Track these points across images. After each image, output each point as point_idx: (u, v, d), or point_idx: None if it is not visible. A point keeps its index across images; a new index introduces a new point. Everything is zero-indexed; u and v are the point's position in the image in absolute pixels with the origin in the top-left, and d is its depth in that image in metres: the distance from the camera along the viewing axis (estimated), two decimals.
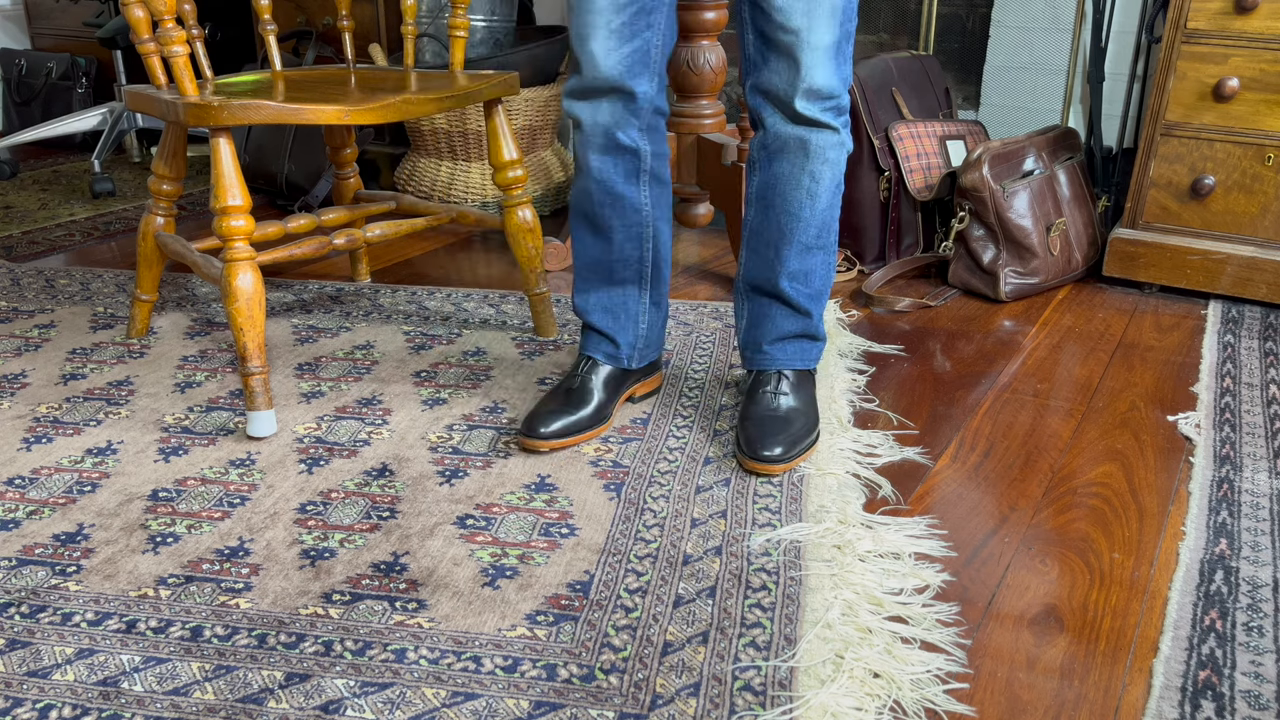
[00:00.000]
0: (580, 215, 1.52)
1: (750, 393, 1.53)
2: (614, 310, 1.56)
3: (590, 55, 1.37)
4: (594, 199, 1.48)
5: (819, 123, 1.41)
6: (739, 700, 1.03)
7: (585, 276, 1.55)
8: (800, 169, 1.44)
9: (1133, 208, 2.15)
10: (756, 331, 1.55)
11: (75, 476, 1.43)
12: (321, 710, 1.01)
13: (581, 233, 1.53)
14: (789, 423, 1.46)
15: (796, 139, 1.42)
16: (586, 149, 1.45)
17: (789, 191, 1.45)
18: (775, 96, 1.40)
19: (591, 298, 1.56)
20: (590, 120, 1.43)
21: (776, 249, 1.48)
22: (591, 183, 1.47)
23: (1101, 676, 1.08)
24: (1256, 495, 1.41)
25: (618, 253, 1.52)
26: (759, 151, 1.47)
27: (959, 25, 2.66)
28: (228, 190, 1.52)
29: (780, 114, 1.42)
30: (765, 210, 1.48)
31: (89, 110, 3.15)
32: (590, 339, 1.58)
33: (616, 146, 1.44)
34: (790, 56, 1.37)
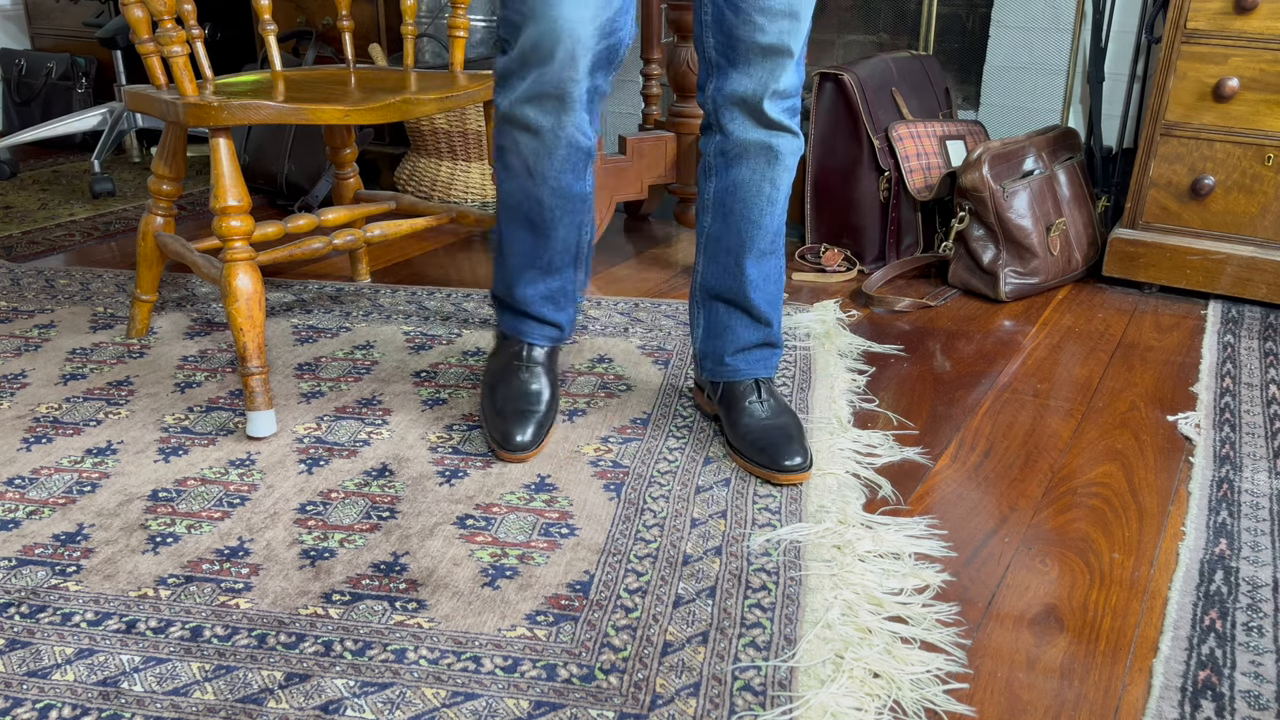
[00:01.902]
0: (520, 220, 1.45)
1: (732, 406, 1.50)
2: (555, 297, 1.52)
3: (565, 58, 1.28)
4: (545, 205, 1.42)
5: (785, 127, 1.39)
6: (739, 700, 1.03)
7: (522, 271, 1.49)
8: (762, 176, 1.41)
9: (1133, 208, 2.15)
10: (717, 342, 1.52)
11: (75, 476, 1.43)
12: (321, 710, 1.01)
13: (519, 234, 1.46)
14: (792, 428, 1.45)
15: (761, 145, 1.40)
16: (543, 157, 1.37)
17: (750, 199, 1.43)
18: (745, 100, 1.37)
19: (530, 290, 1.50)
20: (551, 127, 1.35)
21: (737, 257, 1.46)
22: (545, 190, 1.40)
23: (1101, 676, 1.08)
24: (1256, 495, 1.41)
25: (561, 245, 1.47)
26: (716, 157, 1.43)
27: (959, 25, 2.66)
28: (227, 190, 1.52)
29: (748, 118, 1.38)
30: (725, 217, 1.45)
31: (89, 110, 3.15)
32: (529, 327, 1.53)
33: (576, 148, 1.38)
34: (768, 59, 1.33)
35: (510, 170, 1.41)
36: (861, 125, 2.24)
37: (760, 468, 1.42)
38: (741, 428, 1.47)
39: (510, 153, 1.39)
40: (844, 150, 2.27)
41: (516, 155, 1.39)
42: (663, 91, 2.58)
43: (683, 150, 2.36)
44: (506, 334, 1.56)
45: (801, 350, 1.85)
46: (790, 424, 1.46)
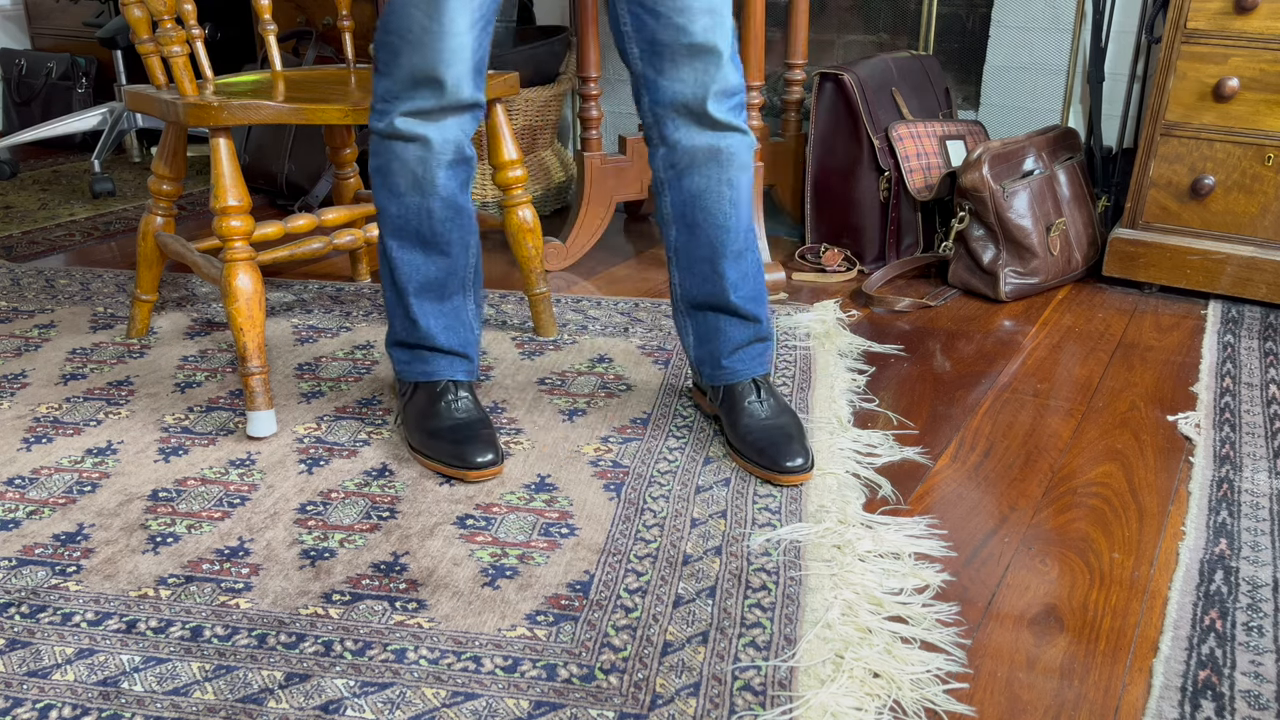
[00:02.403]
0: (411, 237, 1.43)
1: (733, 407, 1.49)
2: (455, 327, 1.49)
3: (455, 76, 1.32)
4: (436, 217, 1.41)
5: (731, 126, 1.38)
6: (739, 700, 1.03)
7: (421, 299, 1.47)
8: (718, 180, 1.40)
9: (1133, 208, 2.15)
10: (710, 347, 1.51)
11: (75, 476, 1.43)
12: (321, 710, 1.01)
13: (410, 254, 1.44)
14: (792, 428, 1.45)
15: (708, 149, 1.39)
16: (433, 166, 1.37)
17: (712, 205, 1.42)
18: (684, 105, 1.36)
19: (432, 320, 1.48)
20: (440, 137, 1.36)
21: (712, 264, 1.45)
22: (436, 201, 1.40)
23: (1101, 676, 1.08)
24: (1256, 495, 1.41)
25: (453, 266, 1.46)
26: (666, 170, 1.42)
27: (959, 25, 2.66)
28: (227, 190, 1.52)
29: (691, 124, 1.37)
30: (690, 229, 1.44)
31: (89, 110, 3.16)
32: (438, 363, 1.50)
33: (463, 159, 1.40)
34: (697, 59, 1.32)
35: (394, 190, 1.40)
36: (861, 125, 2.24)
37: (761, 468, 1.42)
38: (742, 428, 1.46)
39: (395, 172, 1.39)
40: (844, 150, 2.28)
41: (402, 171, 1.38)
42: None
43: None
44: (419, 381, 1.51)
45: (801, 350, 1.85)
46: (790, 424, 1.46)
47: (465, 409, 1.48)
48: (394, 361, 1.53)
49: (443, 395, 1.49)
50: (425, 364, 1.50)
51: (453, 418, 1.46)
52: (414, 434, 1.47)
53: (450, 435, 1.43)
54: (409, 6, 1.29)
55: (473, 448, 1.41)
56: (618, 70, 2.97)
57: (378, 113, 1.37)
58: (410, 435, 1.48)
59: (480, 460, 1.40)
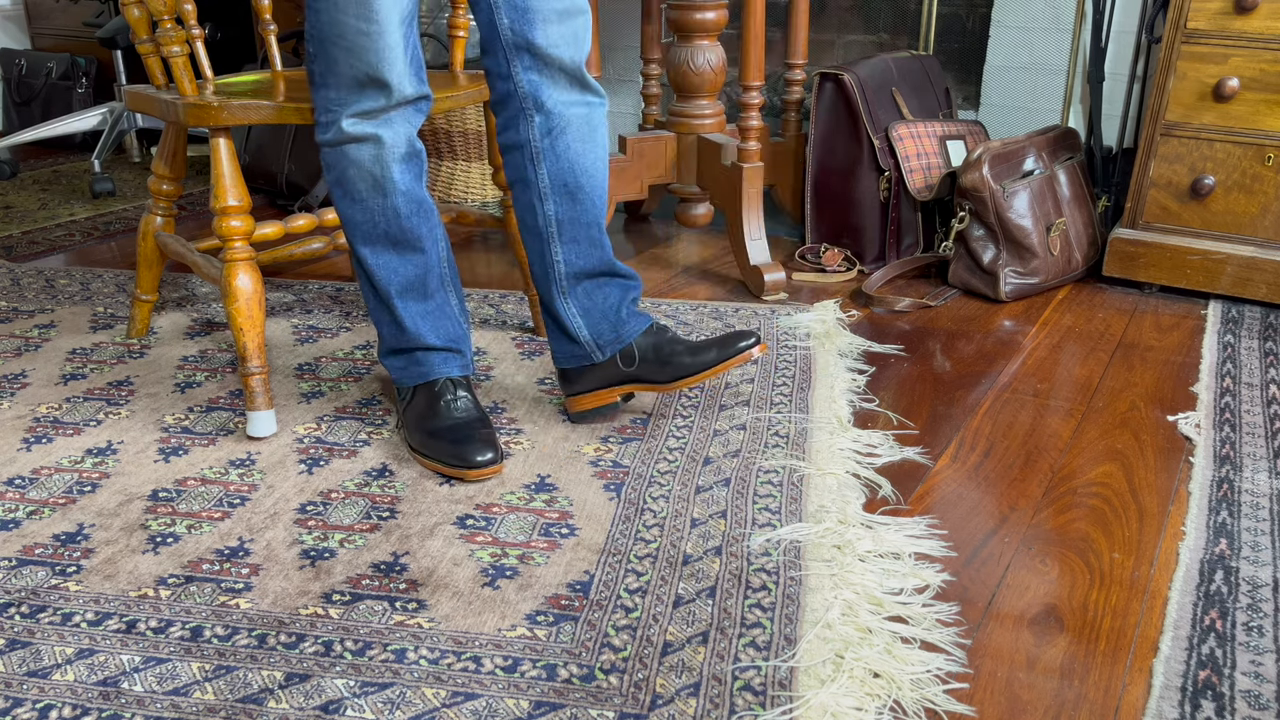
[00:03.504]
0: (380, 239, 1.43)
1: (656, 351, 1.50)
2: (442, 323, 1.49)
3: (398, 75, 1.33)
4: (402, 214, 1.41)
5: (597, 89, 1.42)
6: (739, 700, 1.03)
7: (405, 302, 1.46)
8: (595, 143, 1.43)
9: (1133, 208, 2.15)
10: (603, 313, 1.50)
11: (75, 476, 1.43)
12: (321, 710, 1.01)
13: (385, 257, 1.44)
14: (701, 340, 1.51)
15: (585, 113, 1.41)
16: (389, 162, 1.38)
17: (592, 167, 1.44)
18: (561, 68, 1.38)
19: (419, 321, 1.48)
20: (389, 133, 1.36)
21: (598, 228, 1.47)
22: (398, 197, 1.40)
23: (1101, 676, 1.08)
24: (1256, 495, 1.41)
25: (428, 262, 1.46)
26: (543, 140, 1.42)
27: (959, 25, 2.66)
28: (227, 190, 1.52)
29: (566, 87, 1.39)
30: (572, 196, 1.45)
31: (89, 110, 3.16)
32: (434, 361, 1.49)
33: (414, 153, 1.41)
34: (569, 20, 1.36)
35: (355, 196, 1.40)
36: (861, 125, 2.24)
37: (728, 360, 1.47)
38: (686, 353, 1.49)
39: (352, 178, 1.39)
40: (844, 150, 2.28)
41: (360, 175, 1.39)
42: (663, 91, 2.58)
43: (682, 150, 2.35)
44: (417, 384, 1.50)
45: (801, 350, 1.85)
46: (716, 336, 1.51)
47: (464, 408, 1.47)
48: (390, 371, 1.53)
49: (441, 395, 1.48)
50: (420, 365, 1.50)
51: (452, 417, 1.46)
52: (414, 434, 1.47)
53: (450, 435, 1.43)
54: (338, 13, 1.30)
55: (472, 447, 1.41)
56: (618, 70, 2.97)
57: (323, 125, 1.38)
58: (410, 436, 1.48)
59: (480, 459, 1.40)
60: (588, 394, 1.55)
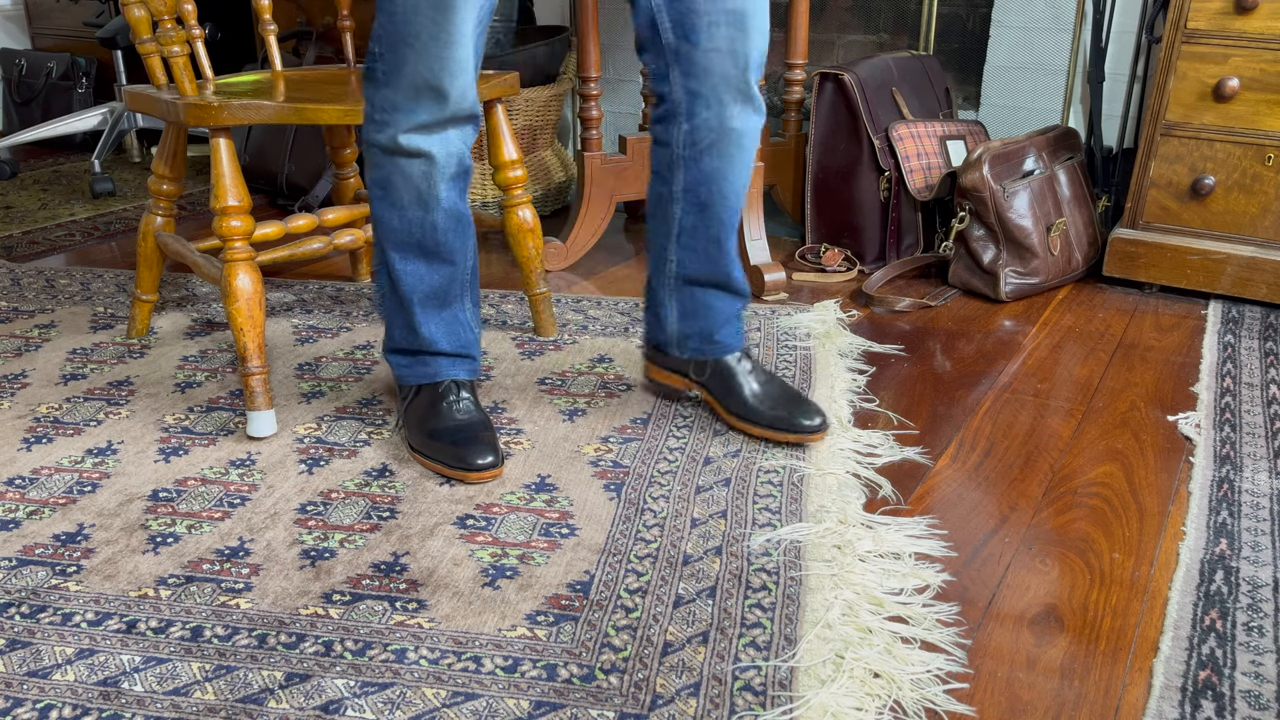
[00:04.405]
0: (413, 249, 1.42)
1: (727, 380, 1.51)
2: (455, 329, 1.48)
3: (460, 87, 1.30)
4: (440, 228, 1.40)
5: (759, 104, 1.38)
6: (739, 700, 1.03)
7: (423, 306, 1.45)
8: (740, 162, 1.40)
9: (1133, 208, 2.15)
10: (699, 323, 1.51)
11: (75, 476, 1.43)
12: (322, 710, 1.01)
13: (414, 265, 1.43)
14: (792, 391, 1.50)
15: (734, 131, 1.37)
16: (437, 181, 1.36)
17: (728, 188, 1.42)
18: (721, 74, 1.33)
19: (434, 326, 1.47)
20: (443, 152, 1.34)
21: (719, 242, 1.46)
22: (440, 214, 1.39)
23: (1101, 676, 1.08)
24: (1256, 495, 1.41)
25: (456, 274, 1.45)
26: (687, 148, 1.40)
27: (959, 25, 2.66)
28: (227, 190, 1.52)
29: (722, 99, 1.35)
30: (702, 209, 1.44)
31: (89, 110, 3.15)
32: (441, 364, 1.49)
33: (464, 172, 1.38)
34: (736, 24, 1.29)
35: (396, 203, 1.38)
36: (861, 125, 2.24)
37: (780, 431, 1.47)
38: (749, 397, 1.50)
39: (397, 186, 1.36)
40: (844, 150, 2.27)
41: (405, 186, 1.36)
42: None
43: None
44: (421, 384, 1.50)
45: (802, 350, 1.85)
46: (788, 387, 1.51)
47: (466, 410, 1.47)
48: (393, 367, 1.52)
49: (444, 396, 1.48)
50: (426, 366, 1.50)
51: (454, 419, 1.46)
52: (414, 434, 1.47)
53: (451, 436, 1.43)
54: (413, 12, 1.25)
55: (473, 450, 1.41)
56: (618, 70, 2.97)
57: (377, 124, 1.34)
58: (410, 436, 1.48)
59: (481, 462, 1.40)
60: (661, 369, 1.62)
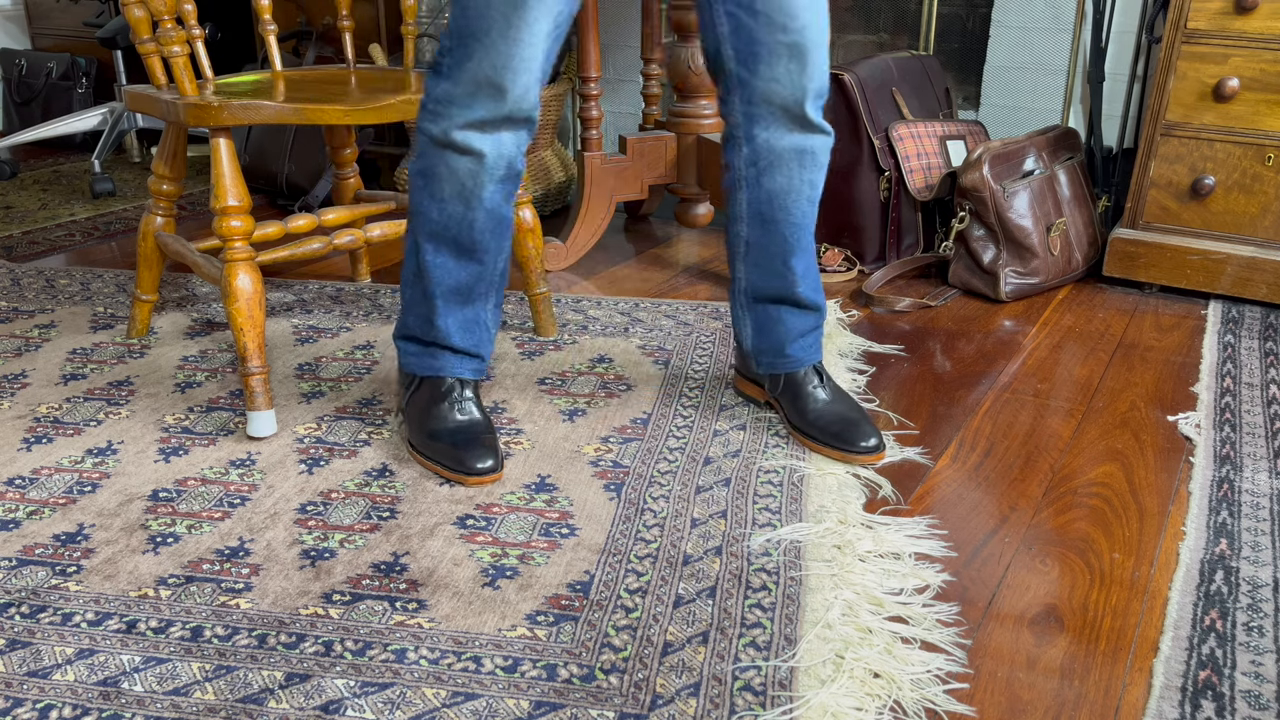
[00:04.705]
0: (448, 243, 1.40)
1: (795, 394, 1.53)
2: (472, 327, 1.47)
3: (522, 86, 1.28)
4: (477, 228, 1.38)
5: (821, 128, 1.39)
6: (739, 700, 1.03)
7: (445, 300, 1.44)
8: (802, 180, 1.41)
9: (1133, 208, 2.15)
10: (771, 338, 1.53)
11: (75, 476, 1.43)
12: (322, 710, 1.01)
13: (444, 259, 1.41)
14: (857, 411, 1.51)
15: (795, 150, 1.39)
16: (484, 181, 1.34)
17: (791, 205, 1.43)
18: (782, 107, 1.35)
19: (451, 320, 1.45)
20: (494, 152, 1.33)
21: (785, 260, 1.47)
22: (481, 214, 1.37)
23: (1101, 676, 1.08)
24: (1256, 495, 1.41)
25: (485, 273, 1.44)
26: (748, 168, 1.42)
27: (959, 25, 2.66)
28: (227, 190, 1.52)
29: (781, 124, 1.37)
30: (765, 226, 1.45)
31: (89, 110, 3.15)
32: (450, 361, 1.48)
33: (514, 175, 1.37)
34: (797, 57, 1.31)
35: (438, 196, 1.37)
36: (861, 125, 2.24)
37: (836, 449, 1.47)
38: (810, 413, 1.51)
39: (441, 179, 1.35)
40: (844, 150, 2.27)
41: (450, 180, 1.35)
42: (663, 91, 2.58)
43: (683, 150, 2.35)
44: (425, 376, 1.49)
45: None
46: (854, 407, 1.52)
47: (468, 411, 1.47)
48: (401, 354, 1.52)
49: (447, 395, 1.48)
50: (435, 360, 1.49)
51: (455, 420, 1.46)
52: (415, 433, 1.47)
53: (451, 438, 1.43)
54: (486, 6, 1.24)
55: (473, 453, 1.41)
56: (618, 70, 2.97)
57: (431, 114, 1.32)
58: (411, 433, 1.48)
59: (480, 466, 1.40)
60: (746, 380, 1.64)
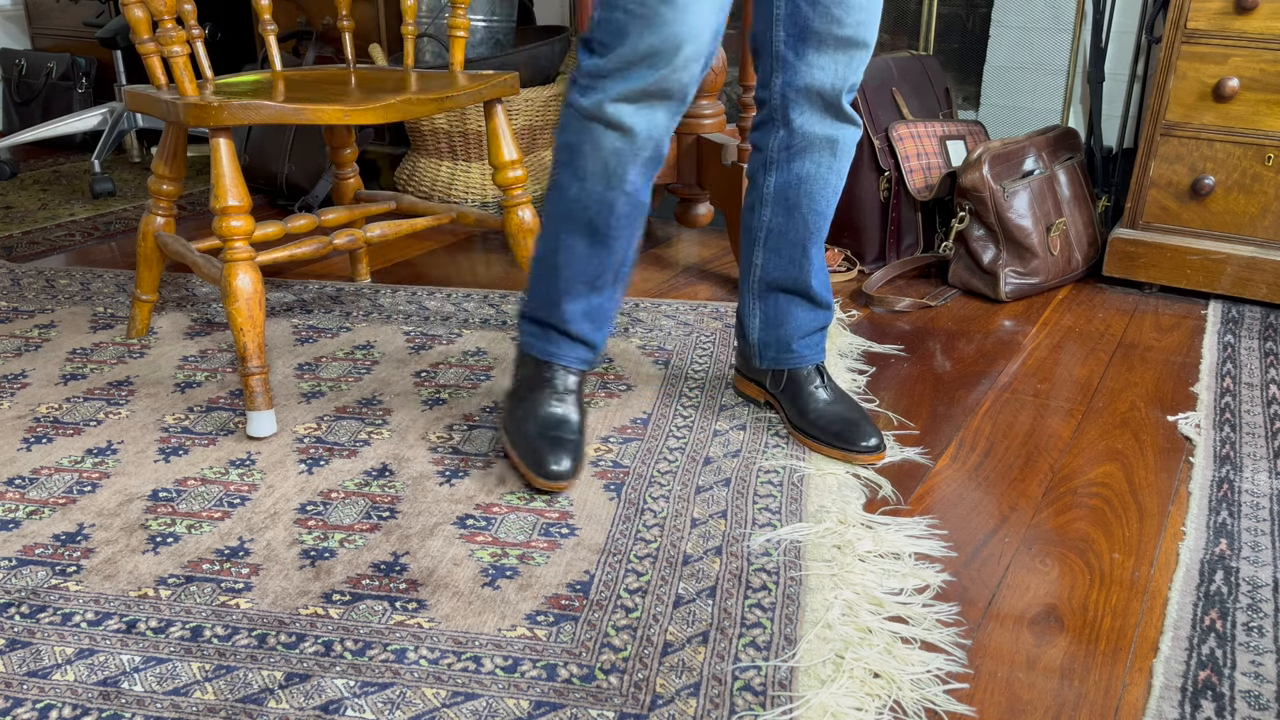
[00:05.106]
0: (582, 226, 1.36)
1: (796, 392, 1.53)
2: (594, 315, 1.45)
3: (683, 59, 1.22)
4: (617, 212, 1.34)
5: (853, 119, 1.41)
6: (739, 700, 1.03)
7: (571, 285, 1.41)
8: (828, 168, 1.43)
9: (1133, 208, 2.15)
10: (778, 331, 1.54)
11: (75, 476, 1.43)
12: (321, 710, 1.01)
13: (575, 242, 1.38)
14: (858, 411, 1.51)
15: (827, 138, 1.41)
16: (627, 163, 1.30)
17: (817, 191, 1.44)
18: (820, 94, 1.38)
19: (574, 305, 1.43)
20: (645, 130, 1.28)
21: (804, 248, 1.48)
22: (621, 197, 1.33)
23: (1101, 676, 1.08)
24: (1256, 495, 1.41)
25: (614, 259, 1.40)
26: (779, 151, 1.44)
27: (959, 25, 2.66)
28: (227, 190, 1.52)
29: (818, 112, 1.40)
30: (789, 210, 1.46)
31: (89, 110, 3.15)
32: (564, 348, 1.46)
33: (657, 158, 1.32)
34: (845, 51, 1.34)
35: (580, 173, 1.32)
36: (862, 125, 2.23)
37: (837, 449, 1.47)
38: (811, 412, 1.51)
39: (587, 155, 1.30)
40: None
41: (595, 157, 1.30)
42: None
43: (683, 150, 2.35)
44: (537, 358, 1.47)
45: None
46: (854, 407, 1.52)
47: (565, 405, 1.45)
48: (521, 333, 1.49)
49: (549, 382, 1.46)
50: (550, 344, 1.46)
51: (548, 412, 1.44)
52: (510, 418, 1.46)
53: (538, 433, 1.41)
54: None
55: (552, 454, 1.38)
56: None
57: (581, 88, 1.28)
58: (507, 418, 1.47)
59: (554, 469, 1.37)
60: (746, 380, 1.64)
